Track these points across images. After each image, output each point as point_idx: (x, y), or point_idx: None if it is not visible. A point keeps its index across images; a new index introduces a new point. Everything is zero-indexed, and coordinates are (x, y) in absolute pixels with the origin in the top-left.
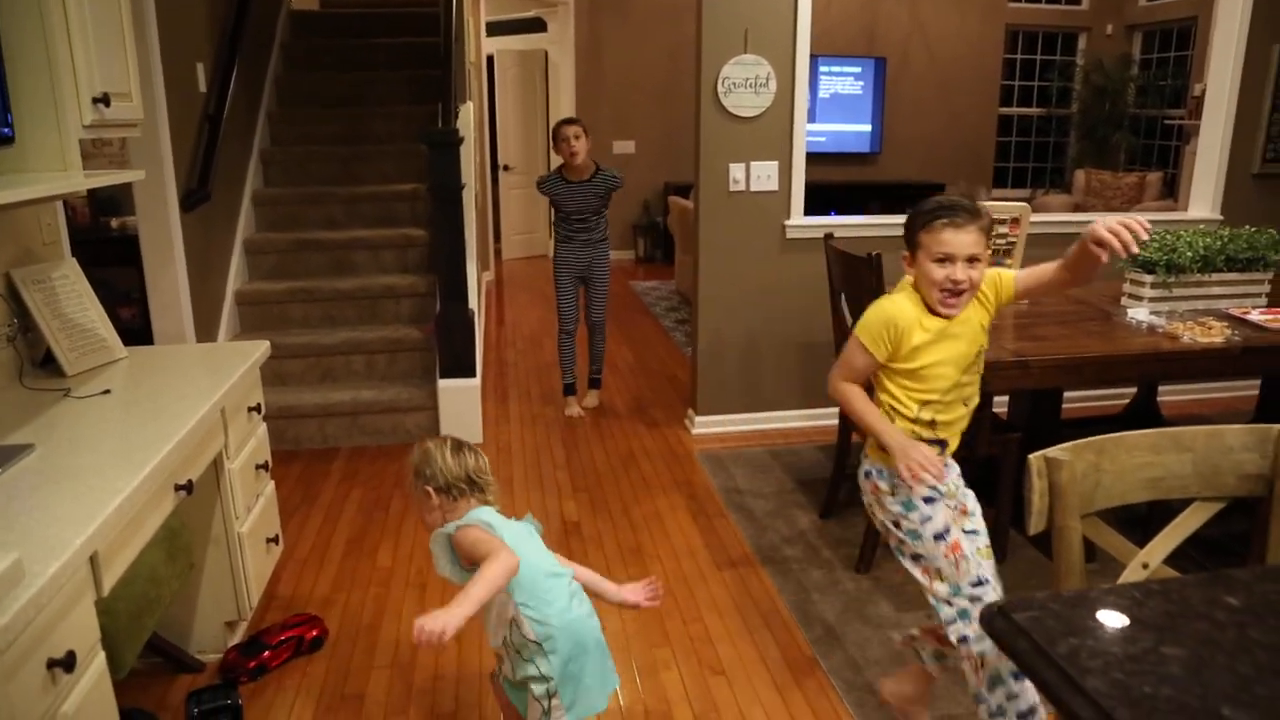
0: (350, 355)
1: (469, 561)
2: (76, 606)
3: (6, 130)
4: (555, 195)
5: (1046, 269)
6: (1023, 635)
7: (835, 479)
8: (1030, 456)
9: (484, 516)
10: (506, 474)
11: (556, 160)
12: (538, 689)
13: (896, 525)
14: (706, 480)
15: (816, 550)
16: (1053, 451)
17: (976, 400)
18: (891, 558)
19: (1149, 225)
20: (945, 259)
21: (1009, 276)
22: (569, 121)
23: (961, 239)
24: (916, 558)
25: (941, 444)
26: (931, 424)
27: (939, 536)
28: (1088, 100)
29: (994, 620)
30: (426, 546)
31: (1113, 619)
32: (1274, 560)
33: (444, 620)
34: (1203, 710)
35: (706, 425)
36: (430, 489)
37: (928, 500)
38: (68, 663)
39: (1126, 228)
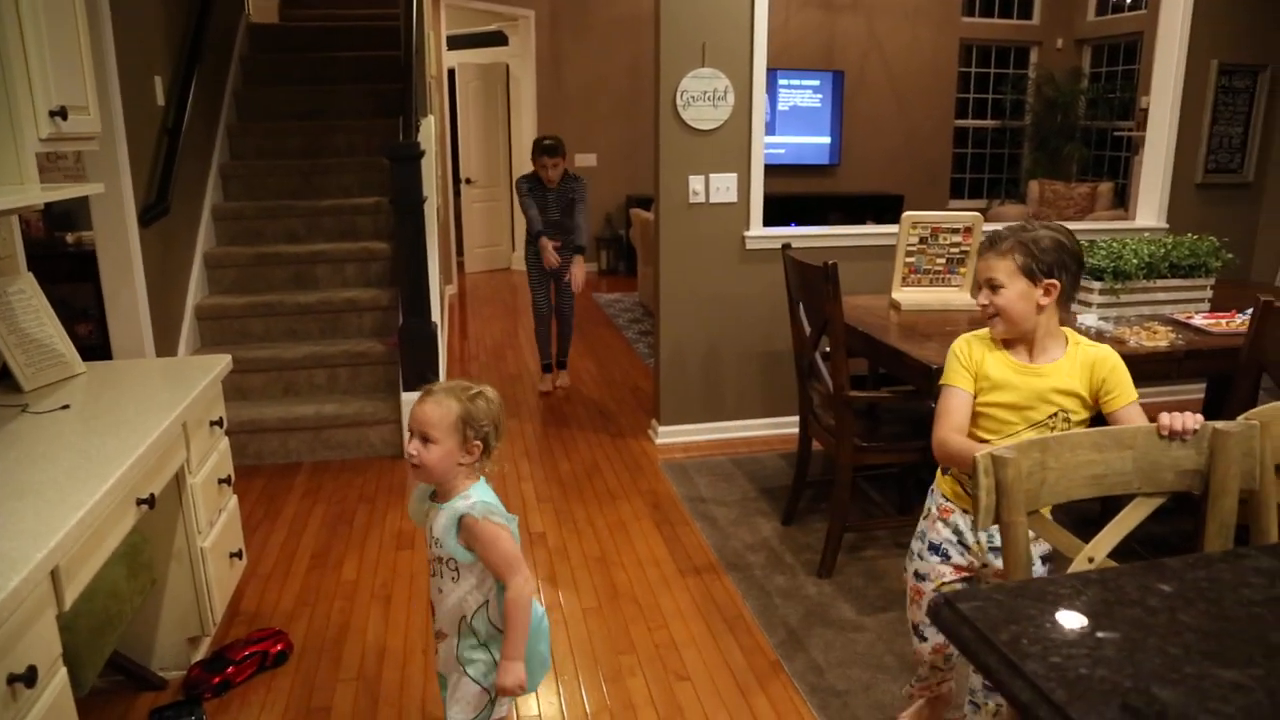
0: (312, 369)
1: (483, 555)
2: (37, 621)
3: None
4: (532, 195)
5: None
6: (966, 624)
7: (797, 486)
8: (976, 455)
9: (501, 508)
10: None
11: (518, 167)
12: (487, 679)
13: (914, 539)
14: (670, 489)
15: (779, 556)
16: (999, 450)
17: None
18: (852, 563)
19: (1199, 423)
20: (978, 287)
21: (1123, 394)
22: (551, 153)
23: (980, 265)
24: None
25: None
26: None
27: (917, 575)
28: (1040, 112)
29: (941, 611)
30: (390, 561)
31: (1052, 607)
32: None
33: (515, 679)
34: (1134, 689)
35: (670, 435)
36: (480, 443)
37: (933, 547)
38: (29, 678)
39: (1184, 426)
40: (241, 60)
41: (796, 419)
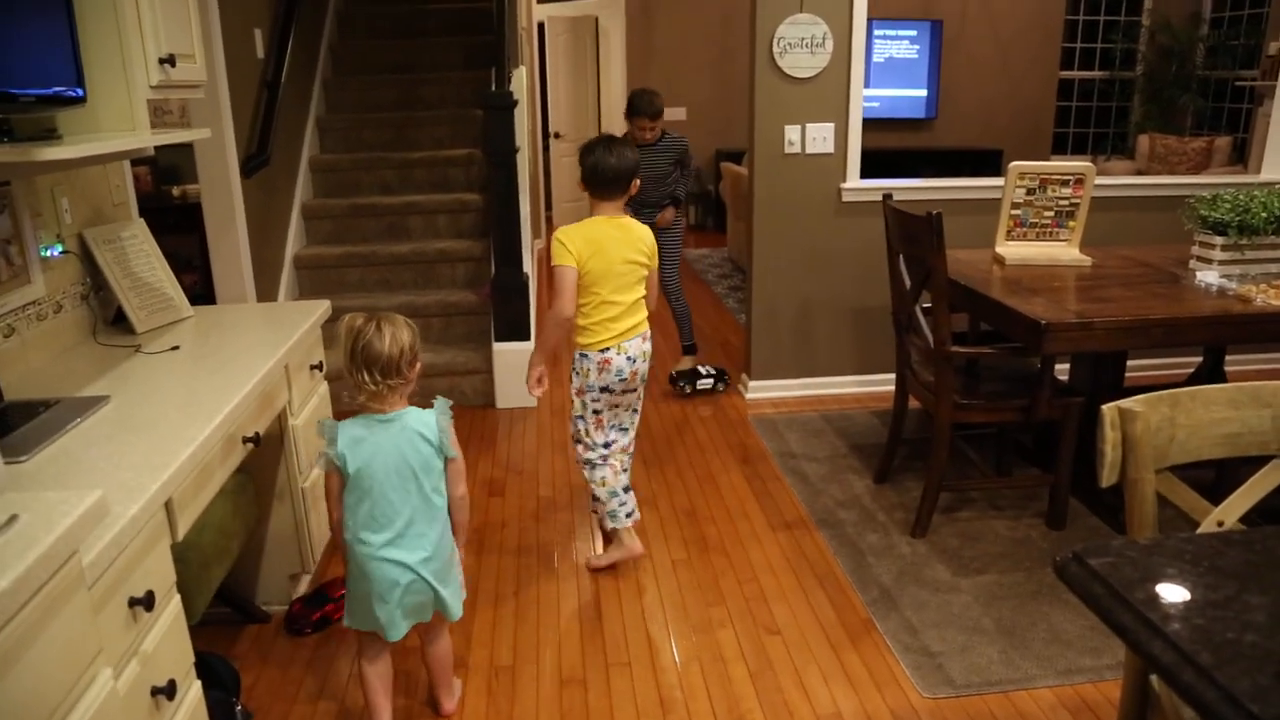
0: (407, 319)
1: None
2: (154, 549)
3: (79, 91)
4: None
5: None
6: (1098, 580)
7: (890, 445)
8: (1104, 407)
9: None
10: (560, 436)
11: (606, 121)
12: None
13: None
14: (760, 444)
15: (871, 514)
16: (1127, 402)
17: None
18: (947, 524)
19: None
20: None
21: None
22: (650, 113)
23: None
24: None
25: None
26: None
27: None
28: (1153, 62)
29: (1068, 566)
30: (482, 506)
31: (1192, 567)
32: None
33: None
34: None
35: (760, 390)
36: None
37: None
38: (147, 601)
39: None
40: (336, 14)
41: (889, 376)
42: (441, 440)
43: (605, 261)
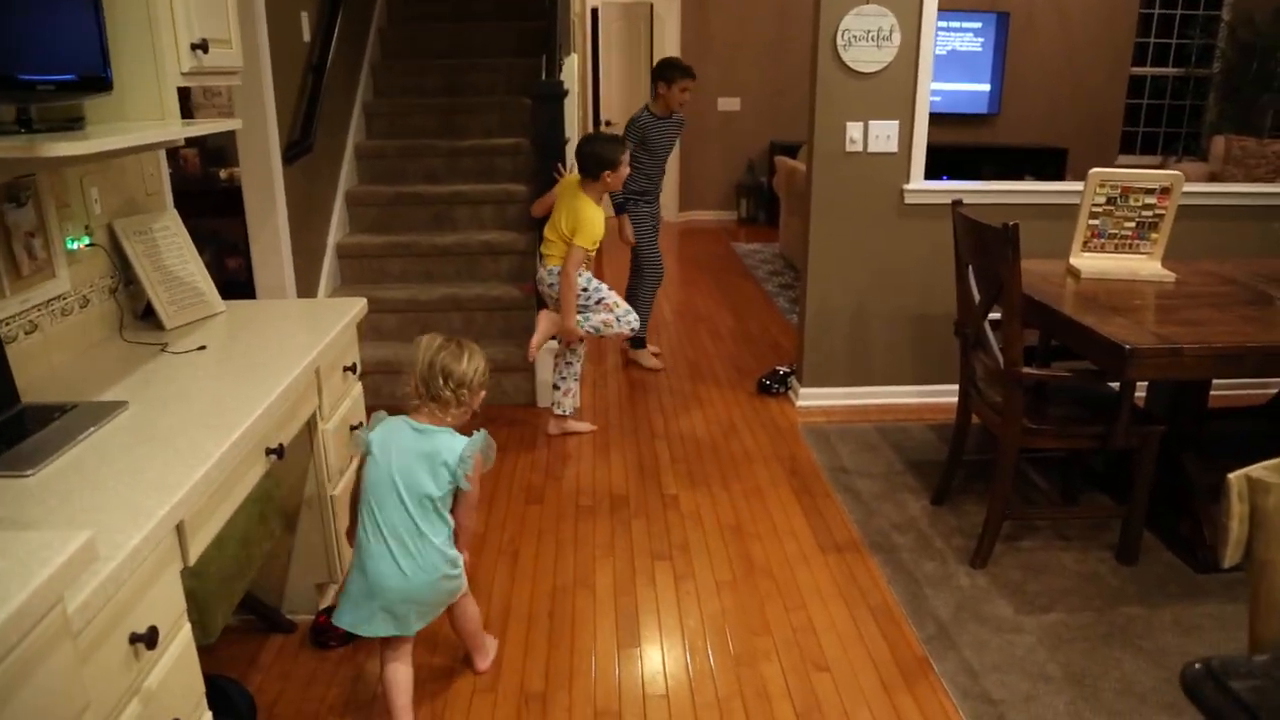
0: (449, 312)
1: None
2: (160, 578)
3: (106, 74)
4: (651, 134)
5: None
6: (1244, 710)
7: (950, 465)
8: (1231, 476)
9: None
10: (603, 440)
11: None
12: None
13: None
14: (810, 456)
15: (928, 540)
16: (1258, 471)
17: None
18: (1009, 554)
19: None
20: None
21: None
22: (691, 73)
23: None
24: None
25: None
26: None
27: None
28: (1232, 59)
29: (1201, 686)
30: (519, 514)
31: None
32: None
33: None
34: None
35: (811, 398)
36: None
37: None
38: (150, 638)
39: None
40: None
41: (947, 388)
42: (458, 471)
43: (559, 201)
